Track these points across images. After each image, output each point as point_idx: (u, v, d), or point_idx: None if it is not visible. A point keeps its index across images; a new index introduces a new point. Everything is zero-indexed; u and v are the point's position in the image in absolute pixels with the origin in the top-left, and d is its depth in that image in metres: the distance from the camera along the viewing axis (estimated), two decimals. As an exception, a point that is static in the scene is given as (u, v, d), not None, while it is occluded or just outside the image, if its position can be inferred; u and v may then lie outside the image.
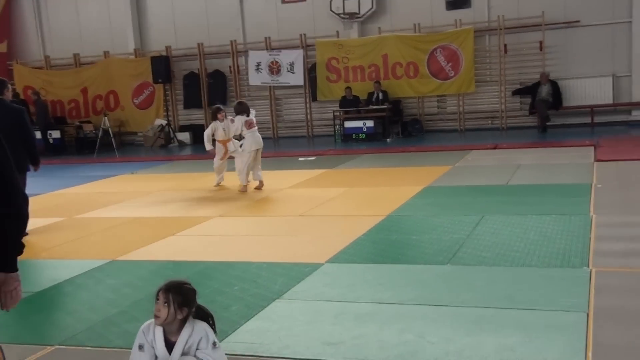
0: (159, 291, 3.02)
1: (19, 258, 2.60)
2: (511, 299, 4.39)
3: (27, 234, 7.47)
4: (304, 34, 17.03)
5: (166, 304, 2.97)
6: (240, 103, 9.94)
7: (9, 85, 7.54)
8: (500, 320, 4.06)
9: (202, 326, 3.05)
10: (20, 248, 2.59)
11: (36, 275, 6.01)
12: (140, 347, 3.04)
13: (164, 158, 15.12)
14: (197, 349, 2.99)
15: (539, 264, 5.17)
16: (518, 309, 4.22)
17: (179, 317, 3.00)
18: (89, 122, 18.37)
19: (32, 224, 7.63)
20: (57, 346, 4.12)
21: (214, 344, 3.02)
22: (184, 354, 2.99)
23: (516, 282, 4.74)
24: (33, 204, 7.82)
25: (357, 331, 4.02)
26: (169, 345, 3.02)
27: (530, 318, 4.05)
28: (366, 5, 16.53)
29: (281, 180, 10.26)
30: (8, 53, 19.63)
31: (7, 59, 19.59)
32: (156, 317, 3.00)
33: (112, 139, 16.49)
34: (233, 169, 10.14)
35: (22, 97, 18.16)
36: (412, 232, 6.51)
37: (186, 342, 3.00)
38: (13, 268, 2.56)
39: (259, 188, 9.64)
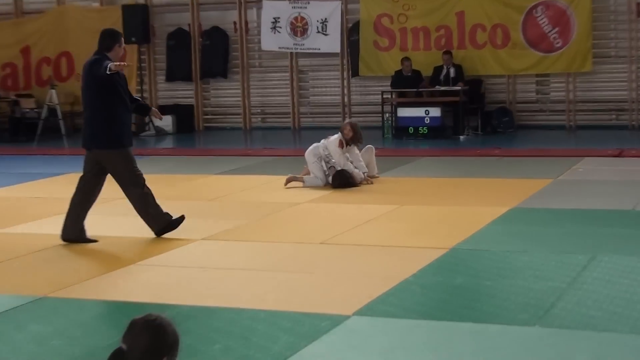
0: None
1: None
2: (629, 384, 4.24)
3: None
4: (344, -21, 17.06)
5: None
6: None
7: (122, 39, 8.15)
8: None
9: None
10: None
11: None
12: None
13: (133, 152, 15.15)
14: None
15: (675, 331, 5.00)
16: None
17: None
18: (29, 96, 18.60)
19: None
20: None
21: None
22: None
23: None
24: None
25: (392, 422, 3.90)
26: None
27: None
28: (436, -60, 16.52)
29: (298, 191, 10.28)
30: None
31: None
32: None
33: (61, 122, 16.64)
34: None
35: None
36: (486, 276, 6.44)
37: None
38: None
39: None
